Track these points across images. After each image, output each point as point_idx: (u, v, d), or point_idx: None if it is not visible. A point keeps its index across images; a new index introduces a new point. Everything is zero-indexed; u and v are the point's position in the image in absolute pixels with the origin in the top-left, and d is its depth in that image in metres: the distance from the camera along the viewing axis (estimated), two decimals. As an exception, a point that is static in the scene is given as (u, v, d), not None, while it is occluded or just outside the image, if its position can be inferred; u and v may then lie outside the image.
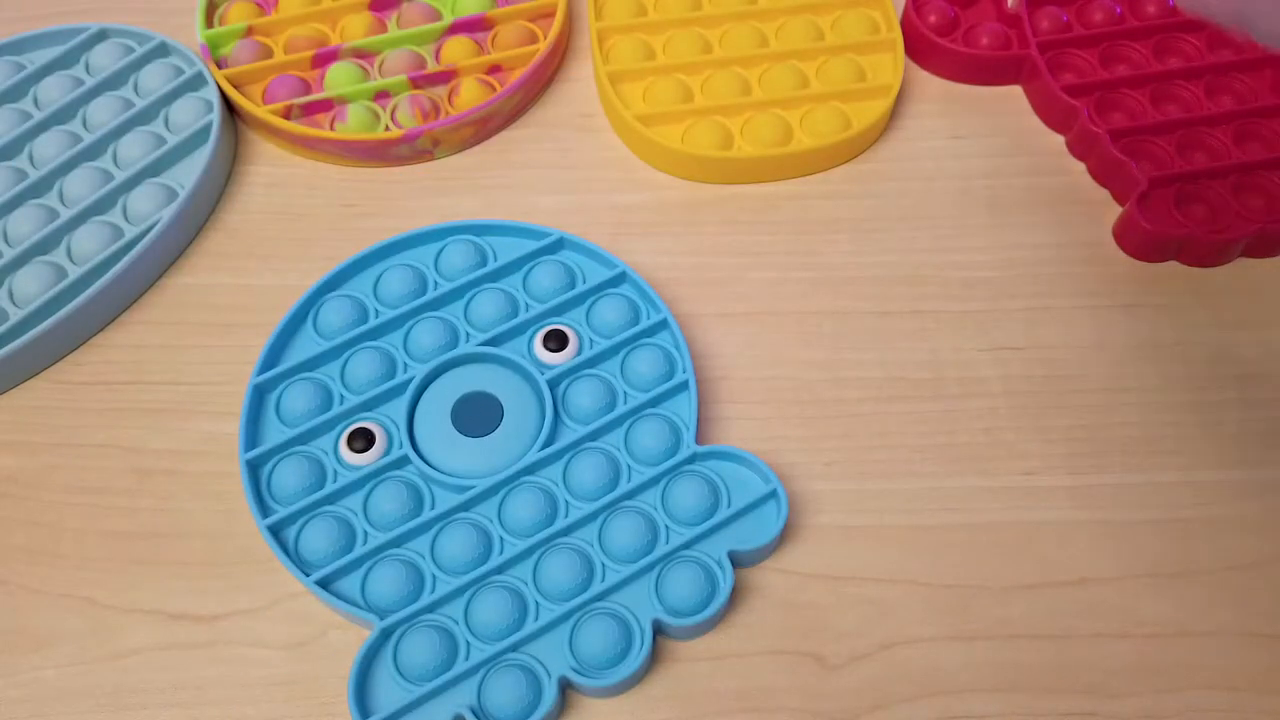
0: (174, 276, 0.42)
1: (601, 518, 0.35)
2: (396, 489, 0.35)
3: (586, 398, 0.36)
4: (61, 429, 0.38)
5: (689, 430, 0.36)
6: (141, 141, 0.43)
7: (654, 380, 0.37)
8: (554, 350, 0.37)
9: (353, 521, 0.35)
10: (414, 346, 0.38)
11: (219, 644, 0.34)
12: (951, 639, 0.34)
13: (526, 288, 0.39)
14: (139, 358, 0.40)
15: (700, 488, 0.35)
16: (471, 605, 0.33)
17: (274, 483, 0.36)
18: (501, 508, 0.35)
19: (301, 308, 0.39)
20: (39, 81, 0.45)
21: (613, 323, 0.38)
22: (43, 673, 0.34)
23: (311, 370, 0.38)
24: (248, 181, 0.45)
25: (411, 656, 0.32)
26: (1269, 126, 0.43)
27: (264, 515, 0.34)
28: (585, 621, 0.33)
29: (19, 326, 0.39)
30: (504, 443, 0.36)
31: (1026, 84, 0.46)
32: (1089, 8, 0.47)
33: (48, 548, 0.36)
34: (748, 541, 0.34)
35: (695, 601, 0.33)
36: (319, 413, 0.37)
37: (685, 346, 0.37)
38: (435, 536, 0.34)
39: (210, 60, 0.45)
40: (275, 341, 0.38)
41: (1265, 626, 0.34)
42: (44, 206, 0.42)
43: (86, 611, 0.35)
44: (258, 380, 0.37)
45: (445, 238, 0.40)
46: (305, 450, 0.36)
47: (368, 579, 0.34)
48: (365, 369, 0.37)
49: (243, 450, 0.36)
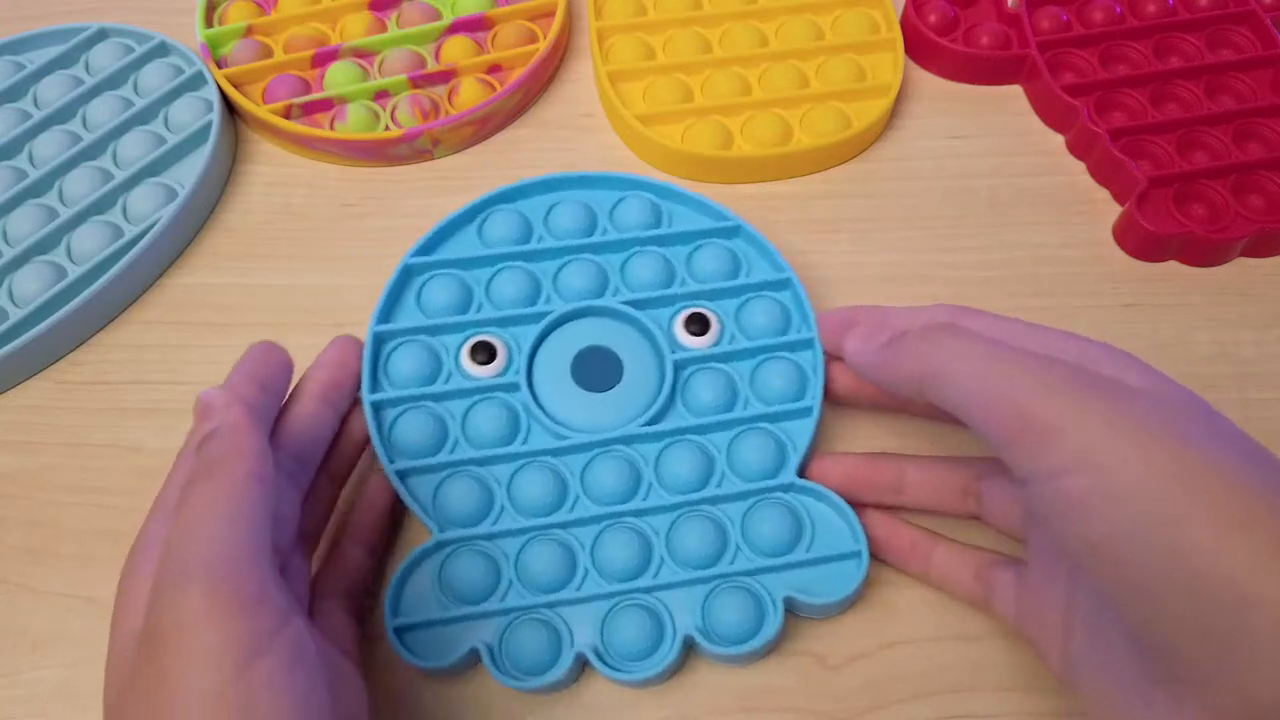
0: (174, 276, 0.42)
1: (678, 513, 0.34)
2: (498, 411, 0.35)
3: (708, 390, 0.35)
4: (61, 429, 0.38)
5: (796, 457, 0.34)
6: (141, 141, 0.43)
7: (781, 396, 0.35)
8: (694, 333, 0.36)
9: (449, 426, 0.35)
10: (563, 282, 0.38)
11: (219, 644, 0.34)
12: (951, 639, 0.34)
13: (689, 263, 0.39)
14: (139, 357, 0.40)
15: (785, 520, 0.33)
16: (525, 550, 0.33)
17: (391, 362, 0.36)
18: (587, 467, 0.35)
19: (472, 209, 0.39)
20: (39, 81, 0.45)
21: (761, 325, 0.37)
22: (43, 673, 0.34)
23: (463, 269, 0.38)
24: (247, 181, 0.45)
25: (455, 576, 0.33)
26: (1269, 126, 0.43)
27: (372, 390, 0.35)
28: (624, 609, 0.32)
29: (19, 326, 0.39)
30: (613, 405, 0.36)
31: (1026, 84, 0.46)
32: (1089, 7, 0.47)
33: (48, 548, 0.36)
34: (811, 592, 0.32)
35: (736, 631, 0.32)
36: (455, 312, 0.37)
37: (823, 370, 0.35)
38: (517, 470, 0.34)
39: (210, 60, 0.45)
40: (437, 232, 0.38)
41: (1265, 626, 0.34)
42: (44, 206, 0.42)
43: (86, 611, 0.35)
44: (410, 261, 0.37)
45: (628, 189, 0.40)
46: (430, 342, 0.37)
47: (441, 487, 0.34)
48: (511, 287, 0.37)
49: (374, 322, 0.36)
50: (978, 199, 0.43)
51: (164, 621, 0.24)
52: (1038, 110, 0.46)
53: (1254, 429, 0.37)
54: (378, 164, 0.45)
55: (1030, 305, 0.40)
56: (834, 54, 0.46)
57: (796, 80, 0.45)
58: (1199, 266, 0.41)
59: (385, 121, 0.44)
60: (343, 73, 0.45)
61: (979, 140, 0.45)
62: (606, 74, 0.45)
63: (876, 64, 0.46)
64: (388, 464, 0.34)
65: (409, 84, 0.45)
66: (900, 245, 0.42)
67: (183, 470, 0.28)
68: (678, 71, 0.45)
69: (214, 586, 0.24)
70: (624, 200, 0.40)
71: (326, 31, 0.47)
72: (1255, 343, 0.39)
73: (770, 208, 0.43)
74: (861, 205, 0.43)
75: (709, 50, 0.46)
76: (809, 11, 0.47)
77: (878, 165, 0.44)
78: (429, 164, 0.45)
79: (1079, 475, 0.24)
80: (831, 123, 0.43)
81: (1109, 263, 0.41)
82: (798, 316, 0.37)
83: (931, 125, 0.45)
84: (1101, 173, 0.43)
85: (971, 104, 0.46)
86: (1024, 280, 0.41)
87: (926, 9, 0.47)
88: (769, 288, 0.38)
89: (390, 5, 0.48)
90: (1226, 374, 0.39)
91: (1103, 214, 0.43)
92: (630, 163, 0.44)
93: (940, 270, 0.41)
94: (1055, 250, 0.42)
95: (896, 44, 0.45)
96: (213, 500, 0.25)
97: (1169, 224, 0.40)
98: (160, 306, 0.41)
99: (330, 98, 0.44)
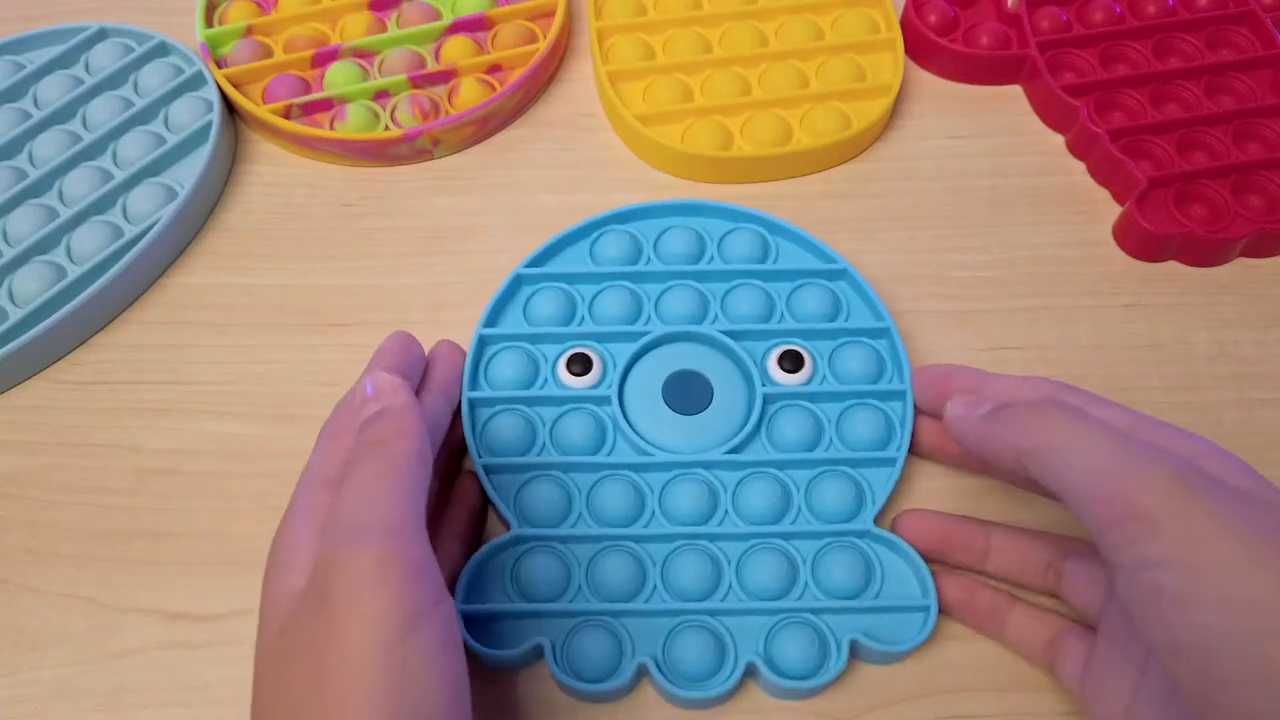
0: (174, 276, 0.42)
1: (751, 543, 0.34)
2: (587, 421, 0.36)
3: (792, 428, 0.36)
4: (61, 429, 0.38)
5: (874, 506, 0.34)
6: (141, 141, 0.43)
7: (865, 443, 0.36)
8: (787, 370, 0.37)
9: (538, 431, 0.36)
10: (664, 305, 0.39)
11: (219, 644, 0.34)
12: (951, 639, 0.34)
13: (790, 300, 0.39)
14: (139, 357, 0.40)
15: (857, 565, 0.33)
16: (597, 557, 0.34)
17: (492, 365, 0.37)
18: (667, 486, 0.35)
19: (588, 226, 0.40)
20: (39, 81, 0.45)
21: (855, 371, 0.37)
22: (43, 673, 0.34)
23: (570, 284, 0.39)
24: (247, 181, 0.45)
25: (527, 572, 0.33)
26: (1269, 126, 0.43)
27: (471, 388, 0.36)
28: (687, 629, 0.33)
29: (19, 326, 0.39)
30: (699, 429, 0.36)
31: (1026, 84, 0.46)
32: (1089, 8, 0.47)
33: (47, 547, 0.36)
34: (879, 639, 0.32)
35: (798, 666, 0.32)
36: (558, 323, 0.38)
37: (911, 423, 0.36)
38: (598, 481, 0.35)
39: (210, 60, 0.45)
40: (551, 246, 0.40)
41: (1265, 626, 0.34)
42: (44, 206, 0.42)
43: (86, 611, 0.35)
44: (522, 271, 0.39)
45: (740, 221, 0.41)
46: (531, 350, 0.38)
47: (524, 486, 0.35)
48: (614, 305, 0.38)
49: (481, 325, 0.38)
50: (978, 199, 0.43)
51: (335, 582, 0.25)
52: (1038, 110, 0.46)
53: (1254, 429, 0.38)
54: (378, 164, 0.45)
55: (1030, 305, 0.40)
56: (834, 54, 0.46)
57: (796, 80, 0.45)
58: (1199, 266, 0.41)
59: (385, 121, 0.44)
60: (343, 73, 0.45)
61: (979, 140, 0.45)
62: (606, 74, 0.45)
63: (876, 64, 0.46)
64: (476, 458, 0.35)
65: (409, 84, 0.45)
66: (900, 245, 0.42)
67: (336, 446, 0.29)
68: (678, 71, 0.45)
69: (385, 553, 0.25)
70: (734, 231, 0.40)
71: (326, 31, 0.47)
72: (1255, 343, 0.39)
73: (770, 208, 0.43)
74: (861, 205, 0.43)
75: (709, 50, 0.46)
76: (809, 11, 0.47)
77: (878, 165, 0.44)
78: (429, 164, 0.45)
79: (1175, 572, 0.24)
80: (831, 123, 0.43)
81: (1109, 263, 0.41)
82: (892, 366, 0.37)
83: (931, 125, 0.45)
84: (1101, 173, 0.43)
85: (971, 104, 0.46)
86: (1024, 280, 0.41)
87: (926, 9, 0.47)
88: (867, 334, 0.38)
89: (390, 5, 0.48)
90: (1226, 374, 0.39)
91: (1103, 214, 0.43)
92: (630, 163, 0.44)
93: (940, 270, 0.41)
94: (1055, 250, 0.42)
95: (896, 44, 0.45)
96: (381, 474, 0.27)
97: (1169, 224, 0.40)
98: (160, 306, 0.41)
99: (330, 98, 0.44)
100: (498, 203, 0.43)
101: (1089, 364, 0.39)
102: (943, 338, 0.39)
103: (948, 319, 0.40)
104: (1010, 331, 0.40)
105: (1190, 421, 0.37)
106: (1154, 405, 0.38)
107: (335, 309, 0.41)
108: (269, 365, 0.39)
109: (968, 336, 0.39)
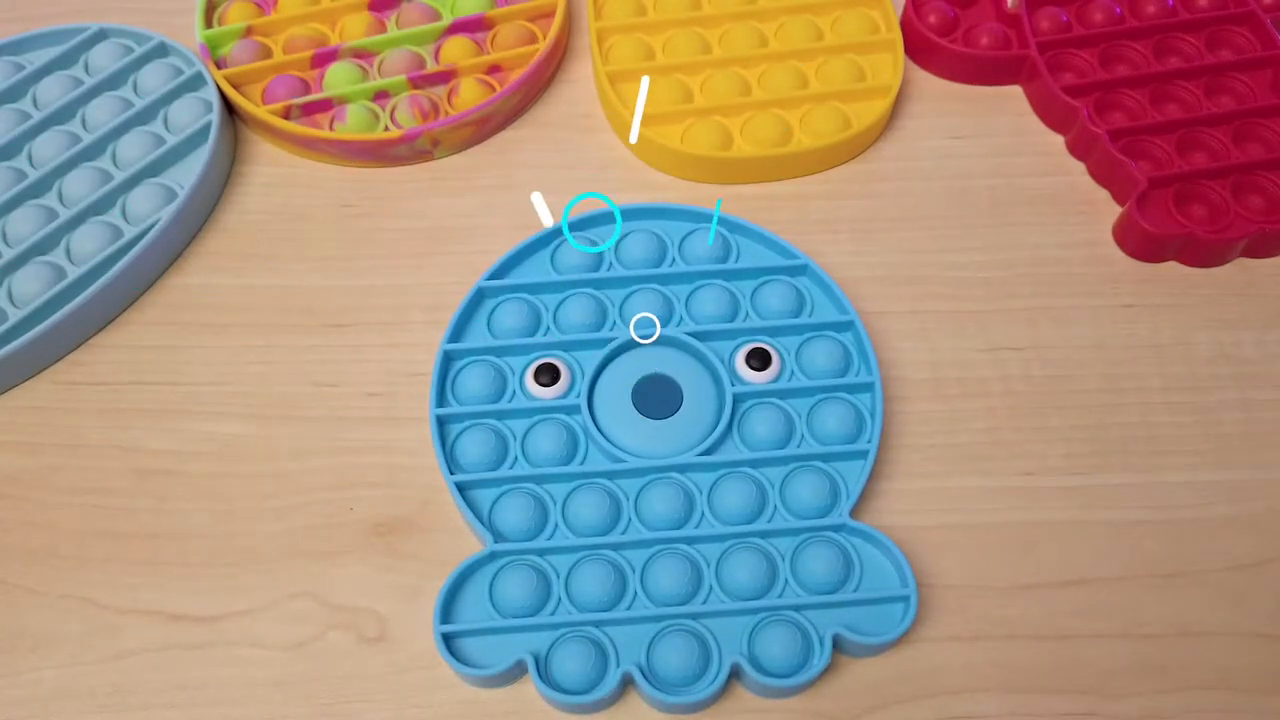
0: (173, 276, 0.42)
1: (729, 543, 0.34)
2: (558, 431, 0.36)
3: (763, 425, 0.36)
4: (61, 429, 0.38)
5: (849, 499, 0.35)
6: (141, 141, 0.43)
7: (837, 437, 0.36)
8: (754, 368, 0.37)
9: (509, 444, 0.36)
10: (629, 310, 0.39)
11: (218, 644, 0.34)
12: (951, 639, 0.34)
13: (754, 298, 0.39)
14: (139, 358, 0.40)
15: (835, 559, 0.33)
16: (576, 568, 0.34)
17: (459, 381, 0.37)
18: (642, 492, 0.35)
19: (544, 237, 0.40)
20: (38, 81, 0.45)
21: (822, 366, 0.37)
22: (42, 673, 0.34)
23: (533, 294, 0.39)
24: (247, 181, 0.45)
25: (506, 588, 0.33)
26: (1268, 126, 0.43)
27: (439, 404, 0.36)
28: (670, 634, 0.32)
29: (19, 326, 0.39)
30: (670, 433, 0.36)
31: (1026, 84, 0.46)
32: (1089, 8, 0.47)
33: (47, 548, 0.36)
34: (861, 631, 0.32)
35: (783, 664, 0.32)
36: (523, 334, 0.38)
37: (881, 415, 0.36)
38: (573, 490, 0.35)
39: (209, 60, 0.45)
40: (511, 257, 0.39)
41: (1265, 627, 0.34)
42: (43, 206, 0.42)
43: (86, 612, 0.35)
44: (484, 284, 0.39)
45: (701, 222, 0.41)
46: (497, 362, 0.38)
47: (499, 501, 0.35)
48: (579, 313, 0.38)
49: (445, 340, 0.37)
50: (978, 199, 0.43)
51: None
52: (1037, 111, 0.46)
53: (1254, 429, 0.38)
54: (377, 164, 0.44)
55: (1030, 305, 0.40)
56: (834, 54, 0.46)
57: (796, 81, 0.45)
58: (1199, 267, 0.41)
59: (385, 122, 0.44)
60: (342, 73, 0.45)
61: (979, 140, 0.45)
62: (606, 74, 0.45)
63: (876, 64, 0.46)
64: (448, 475, 0.35)
65: (409, 84, 0.45)
66: (900, 245, 0.42)
67: None
68: (677, 72, 0.45)
69: None
70: (695, 232, 0.40)
71: (326, 32, 0.47)
72: (1255, 343, 0.39)
73: (770, 208, 0.43)
74: (861, 205, 0.43)
75: (709, 51, 0.46)
76: (809, 12, 0.47)
77: (878, 165, 0.44)
78: (429, 164, 0.45)
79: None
80: (831, 123, 0.43)
81: (1109, 263, 0.41)
82: (859, 359, 0.38)
83: (931, 125, 0.45)
84: (1101, 173, 0.43)
85: (971, 104, 0.46)
86: (1024, 280, 0.41)
87: (926, 9, 0.47)
88: (832, 328, 0.38)
89: (390, 6, 0.48)
90: (1226, 374, 0.39)
91: (1102, 214, 0.43)
92: (630, 163, 0.44)
93: (940, 270, 0.41)
94: (1055, 250, 0.42)
95: (896, 44, 0.45)
96: None
97: (1169, 224, 0.40)
98: (160, 307, 0.41)
99: (330, 98, 0.44)
100: (497, 203, 0.43)
101: (1089, 364, 0.39)
102: (943, 338, 0.39)
103: (947, 319, 0.40)
104: (1010, 331, 0.40)
105: (1190, 422, 0.38)
106: (1154, 405, 0.38)
107: (335, 309, 0.41)
108: (268, 366, 0.39)
109: (968, 336, 0.39)
